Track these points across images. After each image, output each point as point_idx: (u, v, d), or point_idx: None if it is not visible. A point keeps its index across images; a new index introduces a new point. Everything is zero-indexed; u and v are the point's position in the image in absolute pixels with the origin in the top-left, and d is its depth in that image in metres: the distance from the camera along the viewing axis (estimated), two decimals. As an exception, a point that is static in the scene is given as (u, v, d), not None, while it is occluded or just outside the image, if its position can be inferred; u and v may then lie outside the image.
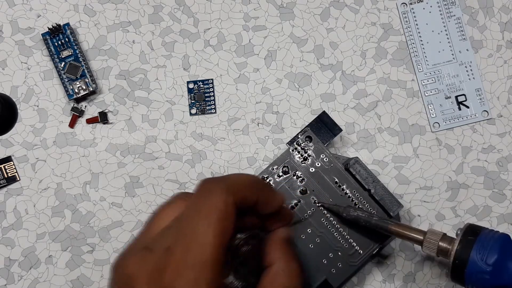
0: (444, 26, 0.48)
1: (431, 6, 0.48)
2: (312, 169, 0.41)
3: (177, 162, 0.46)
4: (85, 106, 0.47)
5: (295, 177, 0.41)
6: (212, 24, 0.48)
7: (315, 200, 0.41)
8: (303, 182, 0.41)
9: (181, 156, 0.46)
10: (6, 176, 0.46)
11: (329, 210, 0.41)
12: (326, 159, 0.41)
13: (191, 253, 0.28)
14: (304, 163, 0.41)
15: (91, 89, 0.46)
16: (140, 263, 0.29)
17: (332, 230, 0.40)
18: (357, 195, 0.41)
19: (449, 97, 0.47)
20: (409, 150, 0.46)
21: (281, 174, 0.41)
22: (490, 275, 0.35)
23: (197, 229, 0.29)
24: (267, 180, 0.41)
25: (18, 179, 0.46)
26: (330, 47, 0.48)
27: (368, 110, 0.47)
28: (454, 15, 0.48)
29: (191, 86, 0.47)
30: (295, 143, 0.42)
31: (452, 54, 0.47)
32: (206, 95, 0.47)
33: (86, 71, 0.46)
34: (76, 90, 0.46)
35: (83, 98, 0.47)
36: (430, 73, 0.47)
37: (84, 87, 0.46)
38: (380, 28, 0.48)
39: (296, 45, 0.48)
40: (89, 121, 0.47)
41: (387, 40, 0.48)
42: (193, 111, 0.47)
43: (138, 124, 0.47)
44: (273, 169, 0.41)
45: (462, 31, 0.48)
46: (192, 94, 0.47)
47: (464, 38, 0.48)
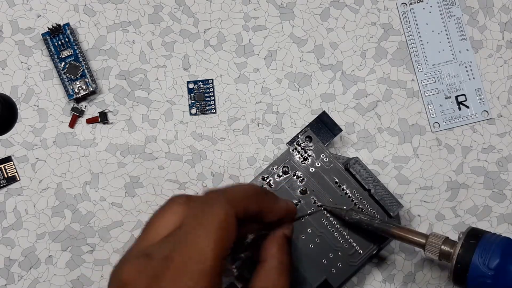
0: (444, 26, 0.48)
1: (431, 6, 0.48)
2: (312, 169, 0.41)
3: (177, 162, 0.46)
4: (85, 106, 0.47)
5: (295, 177, 0.41)
6: (212, 24, 0.48)
7: (315, 200, 0.41)
8: (303, 182, 0.41)
9: (181, 156, 0.46)
10: (6, 176, 0.46)
11: (331, 213, 0.41)
12: (326, 159, 0.41)
13: (190, 262, 0.29)
14: (304, 163, 0.41)
15: (91, 89, 0.46)
16: (138, 270, 0.29)
17: (332, 230, 0.40)
18: (357, 195, 0.41)
19: (449, 97, 0.47)
20: (409, 150, 0.46)
21: (281, 174, 0.41)
22: (492, 279, 0.35)
23: (197, 239, 0.29)
24: (267, 180, 0.41)
25: (18, 179, 0.46)
26: (330, 47, 0.48)
27: (368, 110, 0.47)
28: (454, 15, 0.48)
29: (191, 86, 0.47)
30: (295, 143, 0.42)
31: (452, 54, 0.47)
32: (206, 95, 0.47)
33: (86, 71, 0.46)
34: (76, 90, 0.46)
35: (83, 98, 0.47)
36: (430, 73, 0.47)
37: (84, 87, 0.46)
38: (380, 28, 0.48)
39: (296, 45, 0.48)
40: (89, 121, 0.47)
41: (387, 40, 0.48)
42: (193, 111, 0.47)
43: (138, 124, 0.47)
44: (273, 169, 0.41)
45: (462, 31, 0.48)
46: (192, 94, 0.47)
47: (464, 38, 0.48)
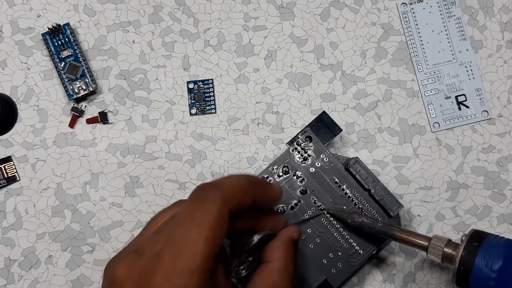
0: (444, 26, 0.48)
1: (431, 6, 0.48)
2: (312, 169, 0.41)
3: (177, 162, 0.46)
4: (85, 106, 0.47)
5: (295, 177, 0.41)
6: (212, 24, 0.48)
7: (315, 200, 0.41)
8: (303, 182, 0.41)
9: (181, 156, 0.46)
10: (6, 176, 0.46)
11: (333, 216, 0.41)
12: (326, 159, 0.41)
13: (181, 260, 0.28)
14: (304, 163, 0.41)
15: (91, 89, 0.46)
16: (128, 266, 0.29)
17: (332, 230, 0.40)
18: (357, 195, 0.41)
19: (449, 97, 0.47)
20: (409, 150, 0.46)
21: (281, 174, 0.41)
22: (495, 282, 0.34)
23: (188, 236, 0.29)
24: (267, 180, 0.41)
25: (18, 179, 0.46)
26: (330, 47, 0.48)
27: (368, 110, 0.47)
28: (454, 15, 0.48)
29: (191, 86, 0.47)
30: (295, 143, 0.42)
31: (452, 54, 0.47)
32: (206, 95, 0.47)
33: (86, 71, 0.46)
34: (76, 90, 0.46)
35: (83, 98, 0.47)
36: (430, 73, 0.47)
37: (84, 87, 0.46)
38: (380, 28, 0.48)
39: (296, 45, 0.48)
40: (89, 121, 0.47)
41: (387, 40, 0.48)
42: (193, 111, 0.47)
43: (138, 124, 0.47)
44: (273, 169, 0.41)
45: (462, 31, 0.48)
46: (192, 94, 0.47)
47: (464, 38, 0.48)
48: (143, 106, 0.47)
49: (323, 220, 0.40)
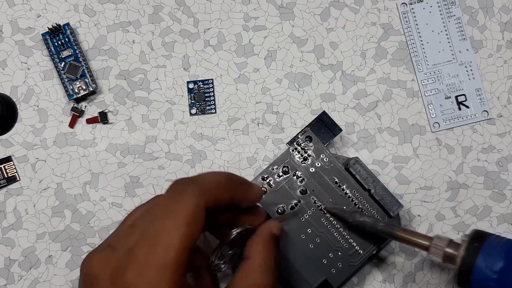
0: (444, 26, 0.48)
1: (431, 6, 0.48)
2: (312, 169, 0.41)
3: (177, 162, 0.46)
4: (85, 106, 0.47)
5: (295, 177, 0.41)
6: (212, 24, 0.48)
7: (315, 200, 0.41)
8: (303, 182, 0.41)
9: (181, 156, 0.46)
10: (6, 176, 0.46)
11: (334, 215, 0.41)
12: (326, 159, 0.41)
13: (155, 254, 0.28)
14: (304, 163, 0.41)
15: (91, 89, 0.46)
16: (102, 262, 0.29)
17: (332, 230, 0.40)
18: (357, 195, 0.41)
19: (449, 97, 0.47)
20: (409, 150, 0.46)
21: (281, 174, 0.41)
22: (496, 283, 0.34)
23: (163, 231, 0.28)
24: (267, 181, 0.41)
25: (18, 179, 0.46)
26: (330, 47, 0.48)
27: (368, 110, 0.47)
28: (454, 15, 0.48)
29: (191, 86, 0.47)
30: (295, 143, 0.42)
31: (452, 54, 0.47)
32: (206, 95, 0.47)
33: (86, 71, 0.46)
34: (76, 90, 0.46)
35: (83, 98, 0.47)
36: (430, 73, 0.47)
37: (84, 87, 0.46)
38: (380, 28, 0.48)
39: (296, 45, 0.48)
40: (89, 121, 0.47)
41: (387, 40, 0.48)
42: (193, 111, 0.47)
43: (138, 124, 0.47)
44: (273, 169, 0.41)
45: (462, 31, 0.48)
46: (192, 94, 0.47)
47: (464, 38, 0.48)
48: (143, 106, 0.47)
49: (323, 220, 0.40)
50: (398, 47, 0.48)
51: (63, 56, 0.46)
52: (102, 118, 0.46)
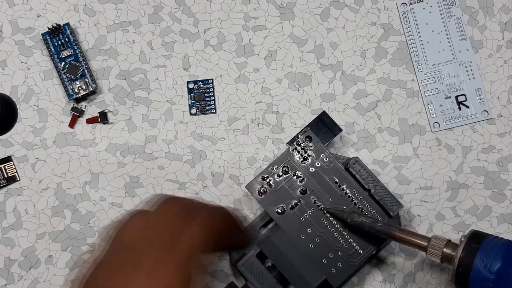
0: (444, 26, 0.48)
1: (431, 6, 0.48)
2: (312, 169, 0.41)
3: (177, 162, 0.46)
4: (85, 106, 0.47)
5: (295, 177, 0.41)
6: (212, 24, 0.48)
7: (315, 200, 0.41)
8: (303, 182, 0.41)
9: (181, 156, 0.46)
10: (6, 176, 0.46)
11: (333, 215, 0.41)
12: (326, 159, 0.41)
13: None
14: (304, 163, 0.41)
15: (91, 89, 0.46)
16: None
17: (332, 230, 0.40)
18: (357, 195, 0.41)
19: (449, 97, 0.47)
20: (409, 150, 0.46)
21: (281, 174, 0.41)
22: (494, 283, 0.34)
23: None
24: (267, 180, 0.41)
25: (18, 179, 0.46)
26: (330, 47, 0.48)
27: (368, 110, 0.47)
28: (454, 15, 0.48)
29: (191, 86, 0.47)
30: (295, 143, 0.42)
31: (452, 54, 0.47)
32: (206, 95, 0.47)
33: (86, 71, 0.46)
34: (76, 90, 0.46)
35: (83, 98, 0.47)
36: (430, 73, 0.47)
37: (84, 87, 0.46)
38: (380, 28, 0.48)
39: (296, 45, 0.48)
40: (89, 121, 0.47)
41: (387, 40, 0.48)
42: (193, 111, 0.47)
43: (138, 124, 0.47)
44: (273, 169, 0.41)
45: (462, 31, 0.48)
46: (192, 94, 0.47)
47: (464, 38, 0.48)
48: (143, 106, 0.47)
49: (323, 220, 0.40)
50: (398, 47, 0.48)
51: (63, 56, 0.46)
52: (102, 118, 0.46)
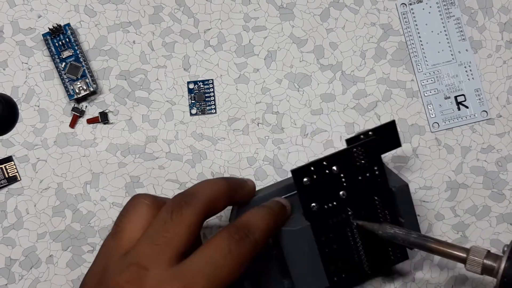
0: (444, 27, 0.48)
1: (430, 7, 0.48)
2: (360, 177, 0.39)
3: (177, 162, 0.47)
4: (86, 106, 0.47)
5: (341, 177, 0.38)
6: (212, 24, 0.48)
7: (348, 209, 0.39)
8: (346, 186, 0.38)
9: (182, 156, 0.47)
10: (7, 176, 0.46)
11: (362, 228, 0.38)
12: (377, 172, 0.39)
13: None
14: (354, 168, 0.38)
15: (92, 89, 0.46)
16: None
17: (351, 241, 0.39)
18: (387, 219, 0.39)
19: (449, 97, 0.47)
20: (408, 150, 0.47)
21: (327, 171, 0.38)
22: None
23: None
24: (314, 171, 0.38)
25: (19, 179, 0.46)
26: (330, 48, 0.48)
27: (368, 110, 0.47)
28: (454, 16, 0.48)
29: (191, 86, 0.47)
30: (354, 147, 0.38)
31: (452, 55, 0.48)
32: (206, 95, 0.47)
33: (86, 71, 0.46)
34: (77, 90, 0.46)
35: (84, 98, 0.47)
36: (429, 73, 0.47)
37: (84, 87, 0.46)
38: (379, 28, 0.48)
39: (296, 45, 0.48)
40: (90, 121, 0.47)
41: (386, 41, 0.48)
42: (193, 111, 0.47)
43: (138, 124, 0.47)
44: (324, 163, 0.38)
45: (461, 31, 0.48)
46: (192, 94, 0.47)
47: (463, 39, 0.48)
48: (144, 106, 0.47)
49: (347, 229, 0.39)
50: (398, 47, 0.48)
51: (63, 57, 0.47)
52: (103, 118, 0.46)
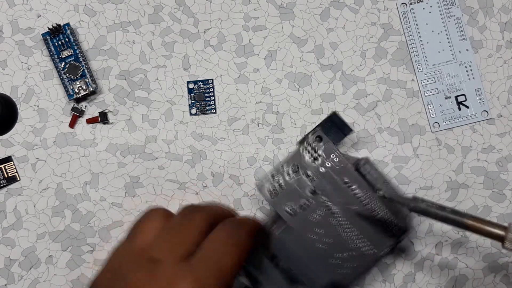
0: (444, 26, 0.48)
1: (431, 6, 0.48)
2: (322, 169, 0.41)
3: (177, 162, 0.46)
4: (85, 106, 0.47)
5: (305, 176, 0.41)
6: (212, 24, 0.48)
7: (325, 200, 0.40)
8: (313, 182, 0.41)
9: (181, 156, 0.47)
10: (6, 176, 0.46)
11: (392, 201, 0.38)
12: (336, 159, 0.41)
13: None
14: (314, 162, 0.41)
15: (91, 89, 0.46)
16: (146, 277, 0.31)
17: (340, 230, 0.40)
18: (368, 196, 0.40)
19: (449, 97, 0.47)
20: (409, 150, 0.46)
21: (290, 173, 0.41)
22: None
23: None
24: (276, 179, 0.40)
25: (18, 179, 0.46)
26: (330, 47, 0.48)
27: (368, 110, 0.47)
28: (454, 15, 0.48)
29: (191, 86, 0.47)
30: (305, 143, 0.41)
31: (452, 54, 0.47)
32: (206, 95, 0.47)
33: (86, 71, 0.46)
34: (76, 90, 0.46)
35: (83, 98, 0.47)
36: (430, 73, 0.47)
37: (84, 87, 0.46)
38: (380, 28, 0.48)
39: (296, 45, 0.48)
40: (89, 121, 0.47)
41: (387, 40, 0.48)
42: (193, 111, 0.47)
43: (138, 124, 0.47)
44: (283, 168, 0.41)
45: (462, 31, 0.48)
46: (192, 94, 0.47)
47: (464, 38, 0.48)
48: (143, 106, 0.47)
49: (332, 220, 0.40)
50: (398, 47, 0.48)
51: (63, 56, 0.46)
52: (102, 118, 0.46)
